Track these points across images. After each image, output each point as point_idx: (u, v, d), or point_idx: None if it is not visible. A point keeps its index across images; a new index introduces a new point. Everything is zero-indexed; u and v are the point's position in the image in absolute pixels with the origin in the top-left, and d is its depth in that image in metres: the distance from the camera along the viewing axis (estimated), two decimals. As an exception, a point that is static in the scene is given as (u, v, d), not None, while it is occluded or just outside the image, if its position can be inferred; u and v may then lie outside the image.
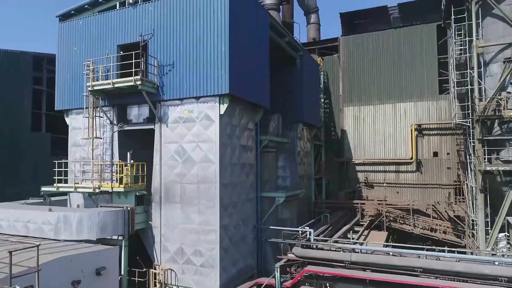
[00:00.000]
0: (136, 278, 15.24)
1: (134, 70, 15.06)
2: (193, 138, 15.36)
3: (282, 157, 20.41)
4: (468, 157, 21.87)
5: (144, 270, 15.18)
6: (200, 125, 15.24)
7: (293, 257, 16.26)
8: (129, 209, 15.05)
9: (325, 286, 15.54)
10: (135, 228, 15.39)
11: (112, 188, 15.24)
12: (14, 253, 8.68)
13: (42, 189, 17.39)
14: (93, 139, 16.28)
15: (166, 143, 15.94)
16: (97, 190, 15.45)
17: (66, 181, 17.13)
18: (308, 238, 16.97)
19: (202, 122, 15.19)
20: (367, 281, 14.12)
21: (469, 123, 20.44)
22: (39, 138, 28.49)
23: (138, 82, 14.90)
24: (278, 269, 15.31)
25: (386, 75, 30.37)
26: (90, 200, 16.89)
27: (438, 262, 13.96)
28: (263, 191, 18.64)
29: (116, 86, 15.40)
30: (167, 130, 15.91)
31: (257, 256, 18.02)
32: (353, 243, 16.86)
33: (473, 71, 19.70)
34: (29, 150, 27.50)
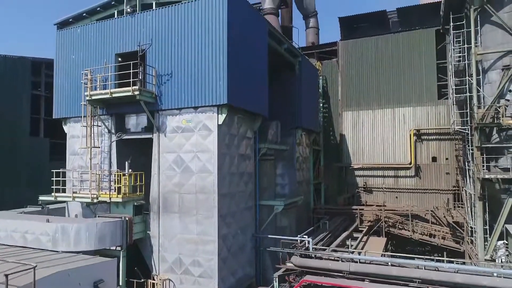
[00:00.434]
0: (134, 289, 15.22)
1: (132, 80, 15.01)
2: (191, 148, 15.32)
3: (280, 164, 20.41)
4: (467, 164, 21.86)
5: (142, 280, 15.15)
6: (198, 135, 15.21)
7: (291, 266, 16.25)
8: (127, 219, 15.01)
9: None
10: (133, 238, 15.36)
11: (110, 198, 15.20)
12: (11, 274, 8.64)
13: (40, 198, 17.34)
14: (91, 149, 16.24)
15: (164, 153, 15.90)
16: (95, 200, 15.42)
17: (64, 189, 17.08)
18: (306, 247, 16.95)
19: (201, 132, 15.16)
20: (366, 291, 14.12)
21: (467, 130, 20.43)
22: (38, 143, 28.47)
23: (136, 92, 14.86)
24: (277, 278, 15.31)
25: (385, 80, 30.35)
26: (88, 209, 16.84)
27: (437, 273, 13.97)
28: (262, 199, 18.62)
29: (114, 96, 15.35)
30: (165, 140, 15.87)
31: (255, 264, 18.00)
32: (351, 252, 16.83)
33: (471, 78, 19.68)
34: (27, 155, 27.48)
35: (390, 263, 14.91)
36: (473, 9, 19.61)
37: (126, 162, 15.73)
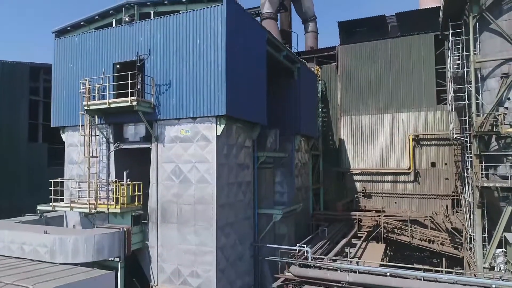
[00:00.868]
0: (132, 300, 15.19)
1: (130, 90, 14.97)
2: (189, 159, 15.28)
3: (279, 172, 20.37)
4: (465, 171, 21.86)
5: (140, 291, 15.14)
6: (196, 145, 15.16)
7: (290, 276, 16.22)
8: (125, 230, 14.98)
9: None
10: (132, 248, 15.32)
11: (108, 208, 15.16)
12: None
13: (38, 208, 17.29)
14: (89, 158, 16.19)
15: (163, 163, 15.86)
16: (93, 211, 15.37)
17: (62, 198, 17.02)
18: (305, 256, 16.93)
19: (199, 142, 15.11)
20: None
21: (466, 138, 20.42)
22: (36, 149, 28.40)
23: (134, 103, 14.81)
24: (276, 289, 15.28)
25: (384, 85, 30.33)
26: (86, 218, 16.79)
27: (436, 284, 13.95)
28: (260, 208, 18.57)
29: (112, 106, 15.30)
30: (164, 150, 15.83)
31: (254, 274, 17.95)
32: (350, 262, 16.81)
33: (470, 86, 19.67)
34: (26, 161, 27.43)
35: (389, 274, 14.90)
36: (472, 16, 19.57)
37: (125, 172, 15.67)
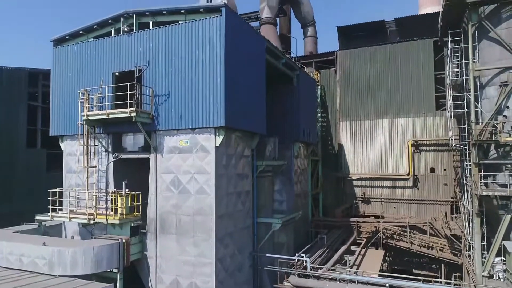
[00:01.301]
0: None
1: (129, 102, 14.93)
2: (188, 169, 15.24)
3: (278, 180, 20.35)
4: (464, 178, 21.86)
5: (139, 302, 15.09)
6: (195, 156, 15.13)
7: (289, 286, 16.23)
8: (124, 241, 14.94)
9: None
10: (130, 259, 15.28)
11: (106, 219, 15.12)
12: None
13: (37, 218, 17.27)
14: (88, 168, 16.15)
15: (162, 173, 15.82)
16: (91, 222, 15.33)
17: (61, 208, 17.00)
18: (304, 266, 16.93)
19: (198, 153, 15.08)
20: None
21: (465, 146, 20.42)
22: (35, 155, 28.36)
23: (133, 114, 14.78)
24: (274, 300, 15.27)
25: (383, 90, 30.33)
26: (85, 228, 16.75)
27: (435, 296, 13.96)
28: (259, 217, 18.54)
29: (111, 116, 15.26)
30: (163, 160, 15.80)
31: (253, 283, 17.92)
32: (349, 271, 16.80)
33: (469, 94, 19.66)
34: (24, 167, 27.39)
35: (388, 285, 14.91)
36: (470, 24, 19.56)
37: (123, 183, 15.64)
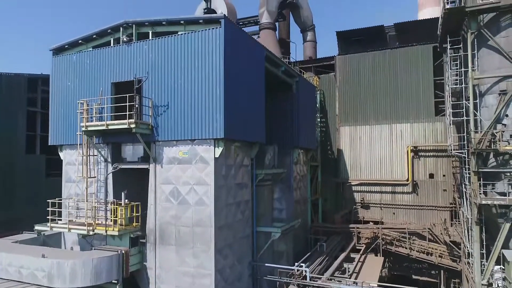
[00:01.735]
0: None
1: (128, 113, 14.91)
2: (188, 180, 15.23)
3: (278, 188, 20.34)
4: (464, 186, 21.88)
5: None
6: (195, 167, 15.12)
7: (288, 296, 16.24)
8: (123, 252, 14.93)
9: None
10: (130, 270, 15.27)
11: (106, 231, 15.10)
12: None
13: (36, 228, 17.23)
14: (87, 179, 16.14)
15: (161, 184, 15.81)
16: (91, 233, 15.31)
17: (60, 216, 16.97)
18: (304, 275, 16.93)
19: (197, 165, 15.07)
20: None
21: (464, 154, 20.42)
22: (34, 161, 28.31)
23: (132, 125, 14.77)
24: (274, 310, 15.26)
25: (382, 96, 30.34)
26: (84, 239, 16.72)
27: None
28: (259, 226, 18.54)
29: (110, 128, 15.24)
30: (162, 171, 15.78)
31: (253, 292, 17.94)
32: (348, 280, 16.81)
33: (468, 102, 19.66)
34: (23, 173, 27.35)
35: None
36: (470, 32, 19.56)
37: (123, 193, 15.62)
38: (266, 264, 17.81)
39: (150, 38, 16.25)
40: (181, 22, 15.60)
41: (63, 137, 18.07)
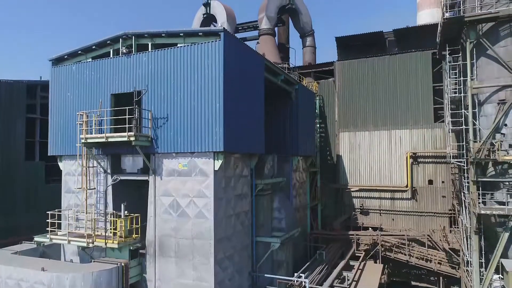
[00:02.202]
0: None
1: (128, 126, 14.92)
2: (187, 193, 15.25)
3: (277, 197, 20.36)
4: (463, 194, 21.92)
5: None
6: (194, 180, 15.13)
7: (288, 307, 16.26)
8: (123, 265, 14.94)
9: None
10: (129, 282, 15.29)
11: (105, 243, 15.11)
12: None
13: (36, 239, 17.23)
14: (86, 191, 16.15)
15: (161, 196, 15.83)
16: (90, 245, 15.32)
17: (60, 227, 17.00)
18: (303, 286, 16.96)
19: (197, 177, 15.08)
20: None
21: (463, 163, 20.47)
22: (33, 168, 28.27)
23: (132, 138, 14.79)
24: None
25: (381, 102, 30.39)
26: (83, 250, 16.74)
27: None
28: (258, 236, 18.56)
29: (109, 140, 15.26)
30: (162, 183, 15.79)
31: (252, 303, 17.96)
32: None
33: (467, 111, 19.69)
34: (23, 180, 27.32)
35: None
36: (469, 42, 19.59)
37: (122, 205, 15.64)
38: (266, 275, 17.81)
39: (150, 49, 16.25)
40: (180, 34, 15.62)
41: (63, 147, 18.08)
